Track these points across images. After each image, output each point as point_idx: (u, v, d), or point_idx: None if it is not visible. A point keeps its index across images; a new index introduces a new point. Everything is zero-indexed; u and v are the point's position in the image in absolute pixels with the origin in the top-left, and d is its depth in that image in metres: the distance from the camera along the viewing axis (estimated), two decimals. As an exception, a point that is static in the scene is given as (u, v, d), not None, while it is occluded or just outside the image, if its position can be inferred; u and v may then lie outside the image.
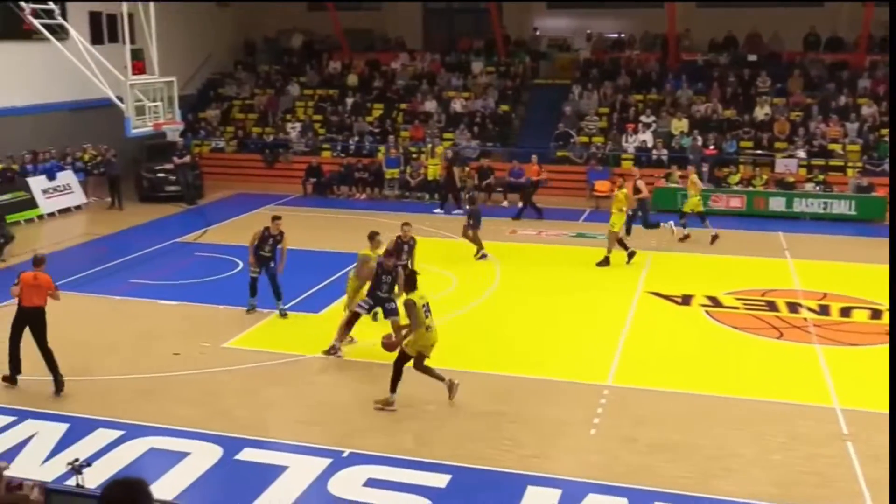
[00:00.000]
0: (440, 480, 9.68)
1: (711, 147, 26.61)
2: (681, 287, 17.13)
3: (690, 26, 31.19)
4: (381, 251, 13.94)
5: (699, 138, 26.76)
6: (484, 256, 19.10)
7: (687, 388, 12.31)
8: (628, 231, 19.96)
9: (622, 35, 33.20)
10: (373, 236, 14.08)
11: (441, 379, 11.58)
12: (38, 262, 12.43)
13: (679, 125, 27.70)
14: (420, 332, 11.34)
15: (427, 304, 11.42)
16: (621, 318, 15.46)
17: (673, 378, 12.68)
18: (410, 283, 11.52)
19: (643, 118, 28.20)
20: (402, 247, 15.02)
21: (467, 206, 19.68)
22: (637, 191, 20.46)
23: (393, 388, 11.46)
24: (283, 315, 15.25)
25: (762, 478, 9.79)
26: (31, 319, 12.10)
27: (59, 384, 12.05)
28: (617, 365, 13.24)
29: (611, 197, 21.10)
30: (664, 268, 18.93)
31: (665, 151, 26.95)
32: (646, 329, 14.97)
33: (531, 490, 9.46)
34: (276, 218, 15.39)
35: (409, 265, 14.98)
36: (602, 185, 26.09)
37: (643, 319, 15.47)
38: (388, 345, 11.92)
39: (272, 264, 15.08)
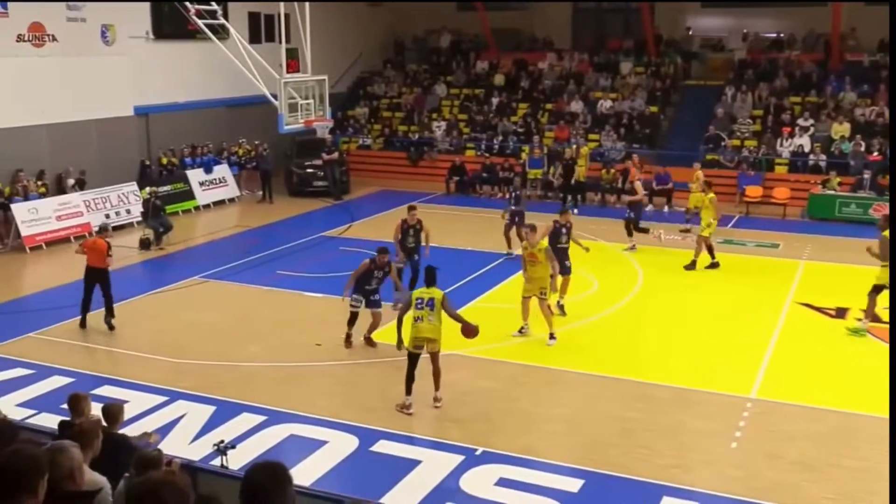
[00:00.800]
0: (572, 485, 9.54)
1: (875, 153, 25.16)
2: (835, 299, 16.28)
3: (857, 25, 29.59)
4: (540, 242, 14.24)
5: (862, 143, 25.37)
6: (510, 255, 18.81)
7: (837, 405, 11.68)
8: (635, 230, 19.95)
9: (781, 35, 31.86)
10: (531, 227, 14.41)
11: (408, 392, 11.37)
12: (100, 229, 15.46)
13: (840, 129, 26.33)
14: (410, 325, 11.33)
15: (431, 298, 11.19)
16: (769, 328, 14.83)
17: (822, 394, 12.07)
18: (428, 278, 11.51)
19: (800, 121, 26.96)
20: (561, 230, 15.42)
21: (512, 206, 19.49)
22: (633, 192, 20.65)
23: (408, 391, 11.40)
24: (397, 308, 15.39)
25: (919, 506, 9.17)
26: (95, 277, 14.51)
27: (110, 325, 14.59)
28: (762, 377, 12.70)
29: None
30: (817, 278, 18.06)
31: (823, 157, 25.69)
32: (795, 341, 14.31)
33: (666, 501, 9.19)
34: (411, 208, 15.75)
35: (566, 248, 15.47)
36: (753, 191, 25.18)
37: (793, 331, 14.80)
38: (467, 330, 11.53)
39: (416, 256, 15.37)
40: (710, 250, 18.64)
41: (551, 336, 13.91)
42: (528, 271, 14.13)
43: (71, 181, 22.23)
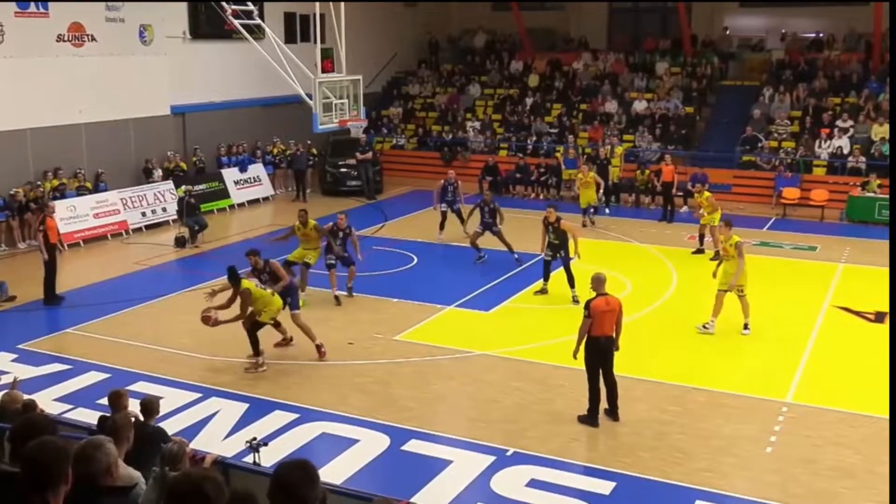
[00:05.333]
0: (604, 487, 9.48)
1: (916, 155, 24.73)
2: (874, 303, 16.02)
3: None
4: (732, 237, 14.63)
5: (902, 145, 24.95)
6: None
7: (875, 411, 11.46)
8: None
9: (821, 35, 31.43)
10: (727, 223, 15.19)
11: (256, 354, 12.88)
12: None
13: (880, 131, 25.89)
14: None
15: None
16: (805, 332, 14.64)
17: (860, 399, 11.88)
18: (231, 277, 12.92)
19: (839, 123, 26.57)
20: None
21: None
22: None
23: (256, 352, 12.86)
24: (576, 301, 15.51)
25: (960, 515, 8.99)
26: None
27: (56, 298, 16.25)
28: (798, 381, 12.54)
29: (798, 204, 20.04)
30: (855, 281, 17.78)
31: (863, 159, 25.30)
32: (832, 345, 14.11)
33: (699, 505, 9.12)
34: (550, 206, 16.47)
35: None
36: (791, 193, 24.86)
37: (829, 335, 14.60)
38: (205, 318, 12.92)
39: (562, 252, 16.01)
40: (702, 238, 19.60)
41: (745, 326, 14.49)
42: (723, 265, 14.79)
43: (158, 172, 23.76)
